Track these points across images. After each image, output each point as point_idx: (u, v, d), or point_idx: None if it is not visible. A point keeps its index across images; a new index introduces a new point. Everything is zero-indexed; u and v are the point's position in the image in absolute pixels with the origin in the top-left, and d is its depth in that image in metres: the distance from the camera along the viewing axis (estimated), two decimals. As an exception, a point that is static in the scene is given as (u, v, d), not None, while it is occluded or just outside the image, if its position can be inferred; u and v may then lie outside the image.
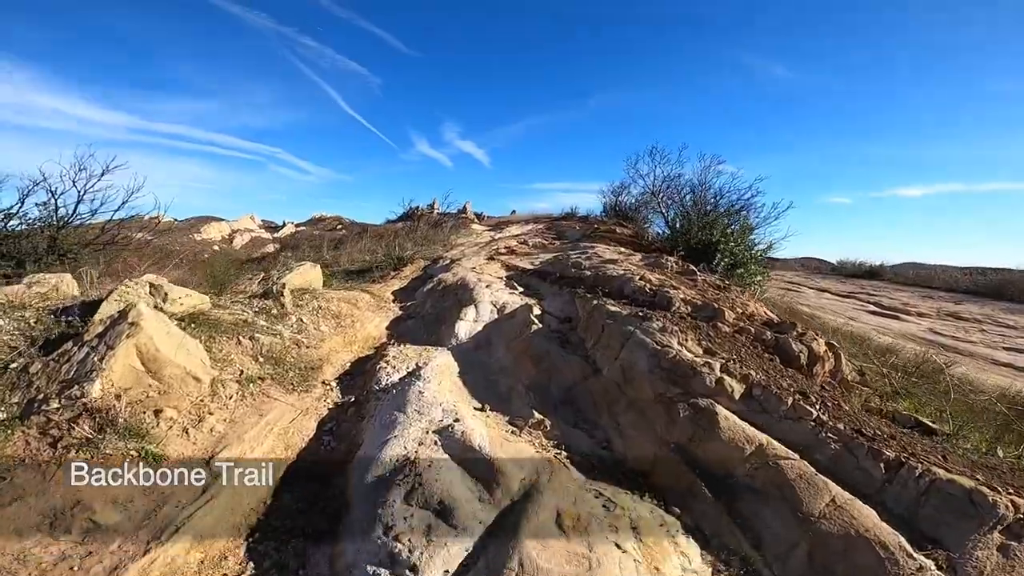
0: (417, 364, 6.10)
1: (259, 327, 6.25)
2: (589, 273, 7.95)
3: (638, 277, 7.22)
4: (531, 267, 10.59)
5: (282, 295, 7.07)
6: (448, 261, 13.37)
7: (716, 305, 6.07)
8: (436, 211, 45.52)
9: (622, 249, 11.83)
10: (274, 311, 6.84)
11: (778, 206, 14.25)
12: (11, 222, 11.19)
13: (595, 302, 6.39)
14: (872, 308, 18.37)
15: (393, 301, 9.70)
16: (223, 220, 67.22)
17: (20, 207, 11.22)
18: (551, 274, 8.80)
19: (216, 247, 62.80)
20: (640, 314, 5.75)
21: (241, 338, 5.93)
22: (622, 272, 7.64)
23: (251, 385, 5.34)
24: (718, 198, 15.90)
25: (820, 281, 25.15)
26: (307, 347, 6.57)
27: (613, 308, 6.05)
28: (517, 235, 20.25)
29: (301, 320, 6.94)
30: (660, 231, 19.66)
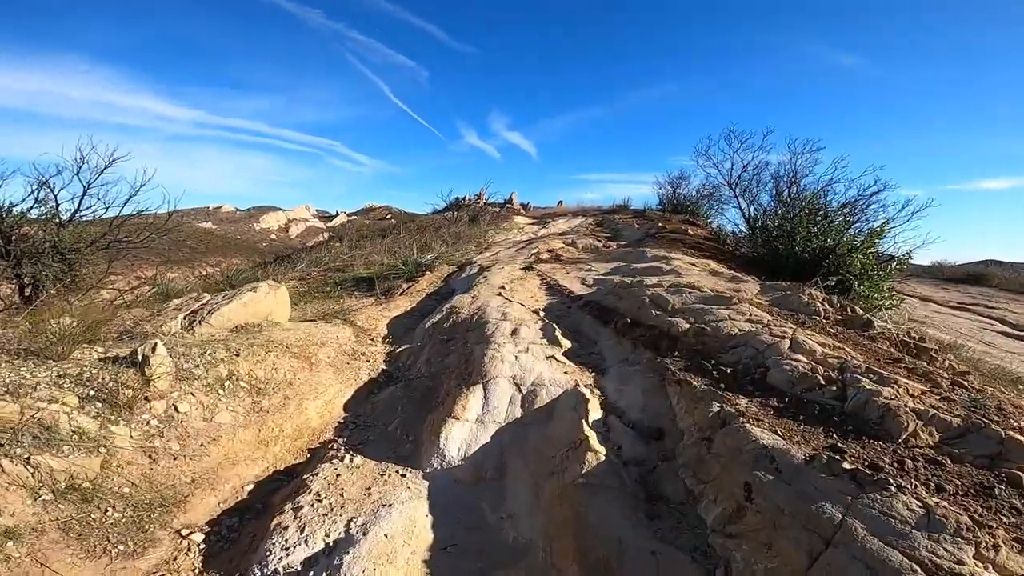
0: (352, 523, 3.01)
1: (56, 437, 3.23)
2: (686, 325, 4.46)
3: (785, 342, 3.74)
4: (583, 290, 7.22)
5: (147, 364, 4.06)
6: (476, 270, 10.18)
7: (992, 426, 2.58)
8: (483, 201, 42.92)
9: (710, 263, 8.24)
10: (129, 391, 3.89)
11: (910, 203, 10.21)
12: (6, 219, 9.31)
13: (720, 411, 3.02)
14: (1001, 327, 13.75)
15: (383, 340, 6.61)
16: (280, 210, 67.50)
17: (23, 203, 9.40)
18: (615, 313, 5.39)
19: (273, 236, 62.97)
20: (845, 467, 2.36)
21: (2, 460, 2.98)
22: (747, 328, 4.13)
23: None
24: (825, 194, 11.91)
25: (916, 286, 20.18)
26: (173, 458, 3.59)
27: (766, 438, 2.68)
28: (563, 232, 16.75)
29: (174, 408, 3.94)
30: (734, 227, 15.70)
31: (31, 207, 9.90)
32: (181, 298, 6.86)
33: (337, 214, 66.64)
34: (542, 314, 5.97)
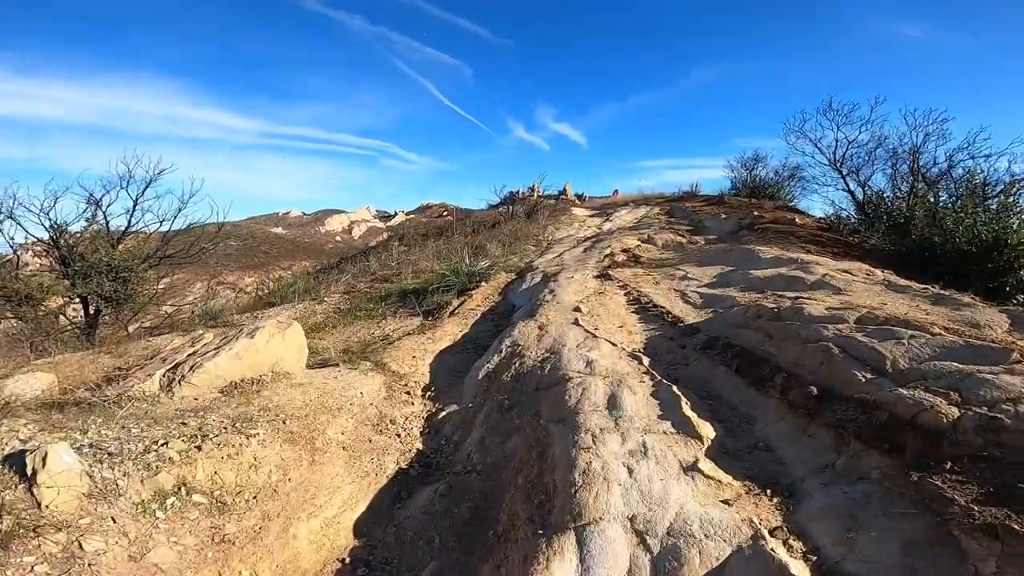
0: None
1: None
2: (953, 410, 2.19)
3: None
4: (691, 314, 5.07)
5: (35, 483, 2.49)
6: (539, 278, 8.26)
7: None
8: (537, 194, 41.37)
9: (862, 267, 5.85)
10: (9, 518, 2.32)
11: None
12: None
13: None
14: None
15: (423, 393, 4.77)
16: (343, 212, 69.03)
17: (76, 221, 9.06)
18: (769, 365, 3.25)
19: (338, 238, 64.51)
20: None
21: None
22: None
23: None
24: (983, 175, 8.98)
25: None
26: None
27: None
28: (632, 226, 14.46)
29: (78, 546, 2.31)
30: (838, 212, 12.79)
31: (86, 226, 9.37)
32: (178, 339, 5.42)
33: (396, 214, 67.22)
34: (645, 361, 3.94)
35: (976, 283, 6.77)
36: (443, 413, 4.30)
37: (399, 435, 4.11)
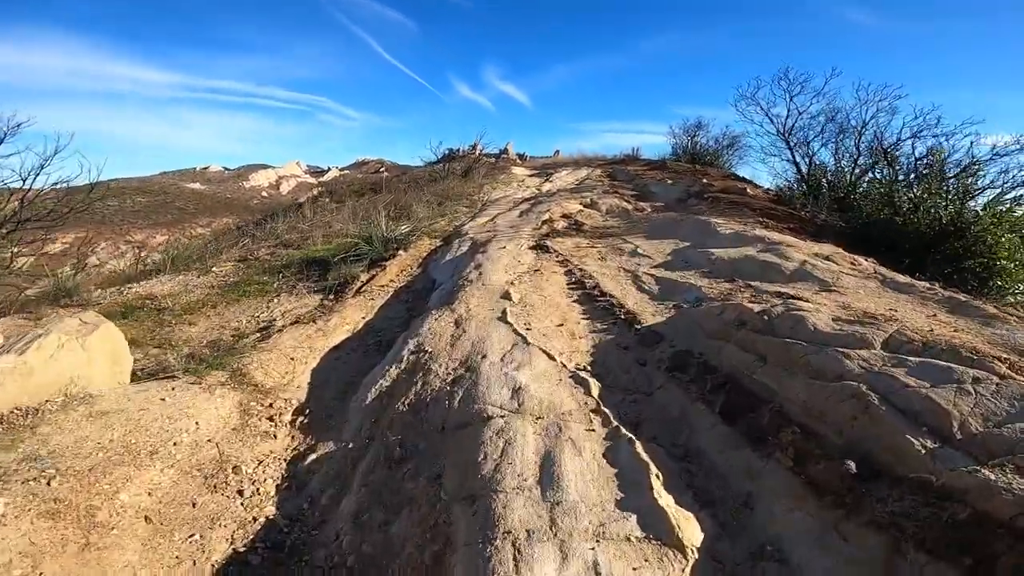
0: None
1: None
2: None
3: None
4: (649, 310, 3.99)
5: None
6: (466, 246, 6.94)
7: None
8: (479, 151, 39.53)
9: (837, 251, 5.01)
10: None
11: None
12: None
13: None
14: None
15: (292, 420, 3.40)
16: (271, 167, 63.87)
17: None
18: (769, 409, 2.26)
19: (264, 194, 59.72)
20: None
21: None
22: None
23: None
24: (940, 154, 8.44)
25: None
26: None
27: None
28: (574, 188, 13.32)
29: None
30: (789, 184, 12.38)
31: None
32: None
33: (329, 169, 63.06)
34: (594, 389, 2.82)
35: (932, 267, 6.26)
36: (313, 456, 3.01)
37: (242, 492, 2.79)
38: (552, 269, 5.55)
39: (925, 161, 8.11)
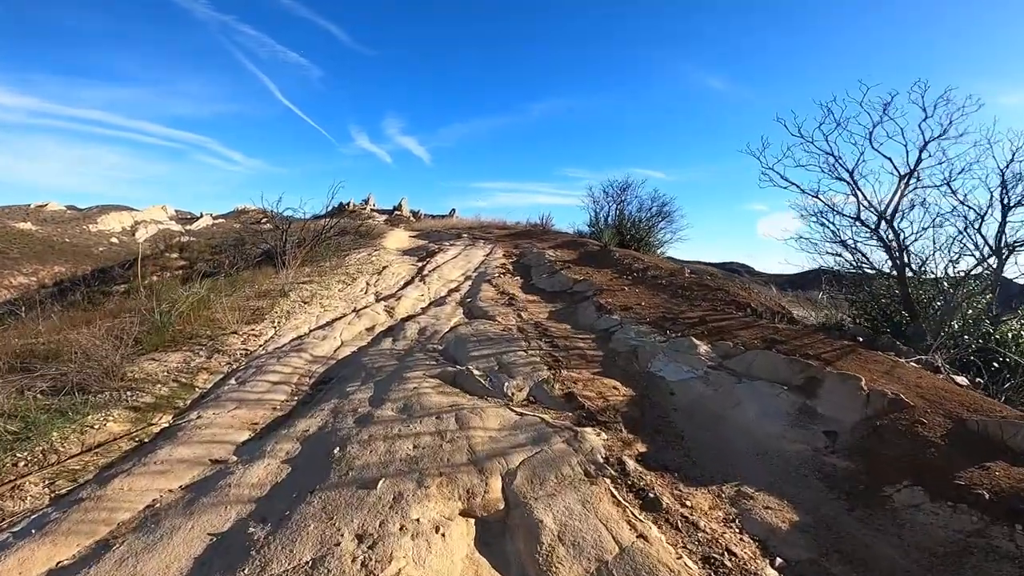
0: None
1: None
2: None
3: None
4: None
5: None
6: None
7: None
8: (371, 207, 37.01)
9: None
10: None
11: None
12: None
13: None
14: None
15: None
16: (130, 209, 55.11)
17: None
18: None
19: (115, 239, 50.60)
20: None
21: None
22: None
23: None
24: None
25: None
26: None
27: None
28: (463, 299, 7.81)
29: None
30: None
31: None
32: None
33: (201, 216, 55.71)
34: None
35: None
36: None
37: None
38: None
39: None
